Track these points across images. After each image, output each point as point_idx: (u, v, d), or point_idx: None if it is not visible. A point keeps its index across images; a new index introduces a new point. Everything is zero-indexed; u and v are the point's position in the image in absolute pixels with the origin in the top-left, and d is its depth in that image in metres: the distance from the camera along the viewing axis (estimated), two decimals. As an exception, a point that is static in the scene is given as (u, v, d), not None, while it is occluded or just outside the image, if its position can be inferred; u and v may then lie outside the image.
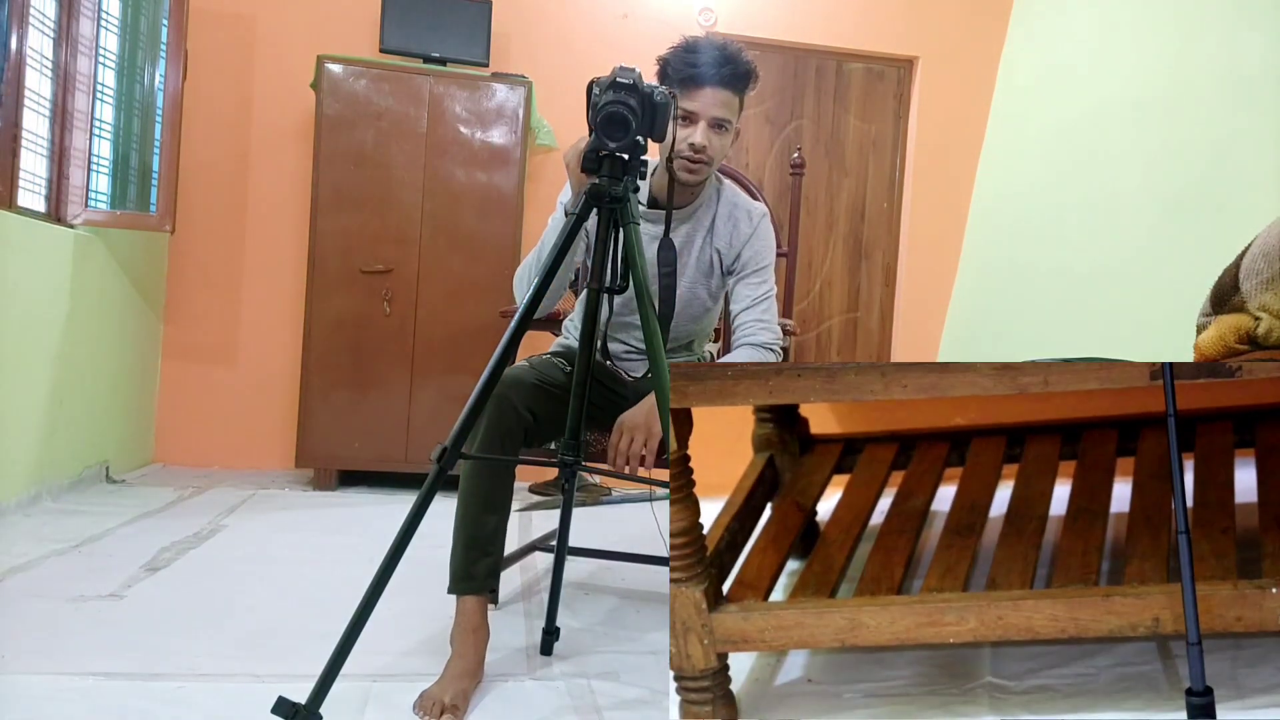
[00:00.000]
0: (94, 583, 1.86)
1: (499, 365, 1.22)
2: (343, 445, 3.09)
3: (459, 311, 3.16)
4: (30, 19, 2.52)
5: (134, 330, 3.14)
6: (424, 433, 3.12)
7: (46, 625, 1.61)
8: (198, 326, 3.39)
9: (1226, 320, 1.25)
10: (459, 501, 1.50)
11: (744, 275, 1.68)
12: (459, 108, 3.15)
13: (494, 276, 3.17)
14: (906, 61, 3.95)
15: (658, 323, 1.27)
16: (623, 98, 1.19)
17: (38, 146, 2.66)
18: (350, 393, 3.09)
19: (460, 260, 3.16)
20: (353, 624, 1.14)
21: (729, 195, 1.73)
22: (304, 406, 3.07)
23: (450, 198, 3.15)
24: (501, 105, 3.18)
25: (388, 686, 1.43)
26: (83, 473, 2.81)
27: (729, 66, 1.55)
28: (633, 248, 1.25)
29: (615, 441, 1.50)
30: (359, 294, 3.10)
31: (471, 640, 1.45)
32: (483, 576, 1.48)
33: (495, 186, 3.18)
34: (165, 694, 1.35)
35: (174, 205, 2.85)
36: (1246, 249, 1.28)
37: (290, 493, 3.03)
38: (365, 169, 3.09)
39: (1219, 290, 1.30)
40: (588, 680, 1.53)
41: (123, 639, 1.56)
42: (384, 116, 3.10)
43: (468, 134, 3.16)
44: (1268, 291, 1.21)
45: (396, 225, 3.12)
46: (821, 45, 3.82)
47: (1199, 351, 1.28)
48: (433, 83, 3.13)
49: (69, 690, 1.34)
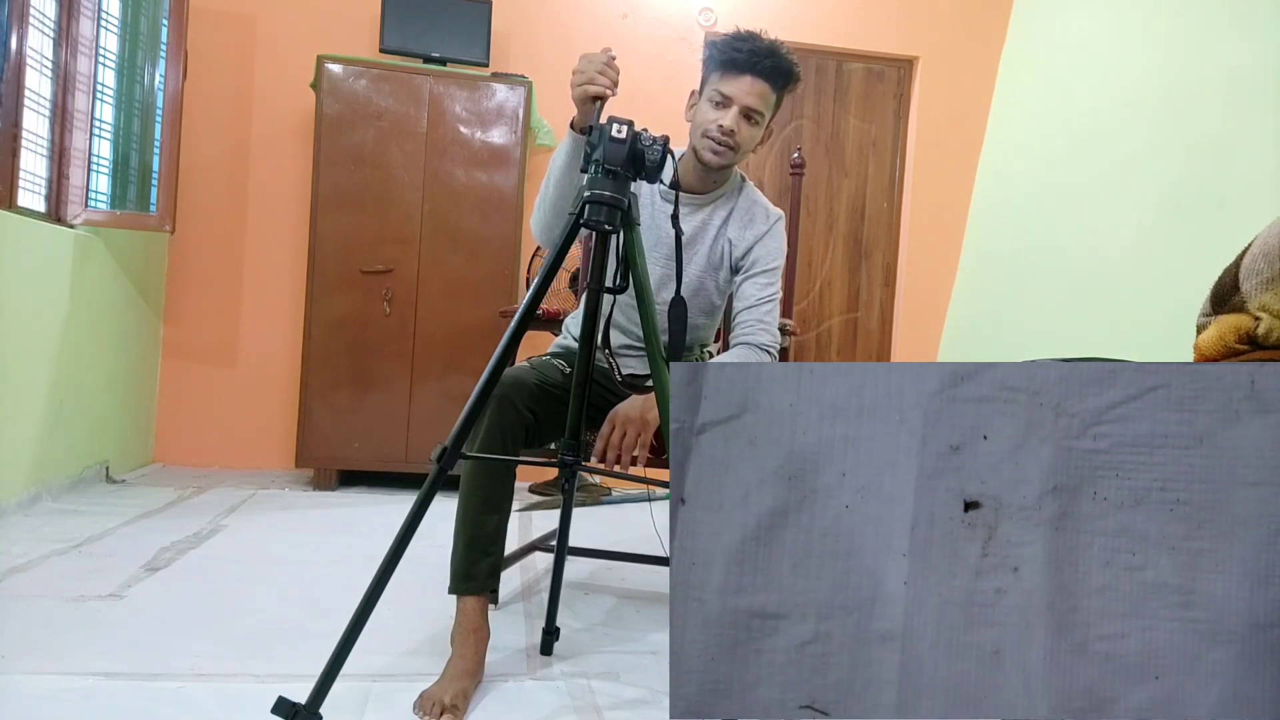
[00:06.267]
0: (94, 583, 1.87)
1: (499, 365, 1.22)
2: (343, 445, 3.09)
3: (459, 311, 3.16)
4: (30, 19, 2.52)
5: (134, 330, 3.14)
6: (424, 433, 3.13)
7: (46, 625, 1.61)
8: (198, 326, 3.39)
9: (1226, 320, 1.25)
10: (459, 501, 1.50)
11: (752, 274, 1.68)
12: (459, 108, 3.15)
13: (494, 276, 3.18)
14: (906, 61, 3.96)
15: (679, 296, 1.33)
16: (608, 194, 1.19)
17: (38, 146, 2.66)
18: (350, 393, 3.09)
19: (460, 260, 3.16)
20: (353, 624, 1.14)
21: (750, 192, 1.75)
22: (304, 406, 3.07)
23: (450, 198, 3.15)
24: (501, 105, 3.18)
25: (388, 686, 1.43)
26: (83, 473, 2.81)
27: (771, 60, 1.57)
28: (634, 248, 1.25)
29: (606, 433, 1.49)
30: (359, 294, 3.10)
31: (472, 640, 1.45)
32: (483, 577, 1.48)
33: (495, 186, 3.18)
34: (165, 694, 1.35)
35: (174, 205, 2.86)
36: (1246, 249, 1.27)
37: (290, 493, 3.03)
38: (365, 169, 3.10)
39: (1219, 290, 1.30)
40: (588, 680, 1.53)
41: (123, 639, 1.56)
42: (384, 116, 3.10)
43: (468, 134, 3.16)
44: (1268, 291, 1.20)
45: (396, 225, 3.12)
46: (821, 45, 3.83)
47: (1199, 351, 1.28)
48: (433, 83, 3.14)
49: (69, 690, 1.34)
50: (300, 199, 3.38)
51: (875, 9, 3.85)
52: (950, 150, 3.92)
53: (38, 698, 1.31)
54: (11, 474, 2.41)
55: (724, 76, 1.58)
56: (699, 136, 1.62)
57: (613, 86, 1.36)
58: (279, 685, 1.35)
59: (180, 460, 3.39)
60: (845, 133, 3.94)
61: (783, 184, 3.84)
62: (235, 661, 1.50)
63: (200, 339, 3.40)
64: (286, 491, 3.04)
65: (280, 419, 3.42)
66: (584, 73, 1.36)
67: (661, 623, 1.86)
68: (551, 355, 1.74)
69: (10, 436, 2.39)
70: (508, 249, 3.19)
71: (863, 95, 3.95)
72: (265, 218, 3.42)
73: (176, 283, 3.38)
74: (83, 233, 2.76)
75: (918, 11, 3.88)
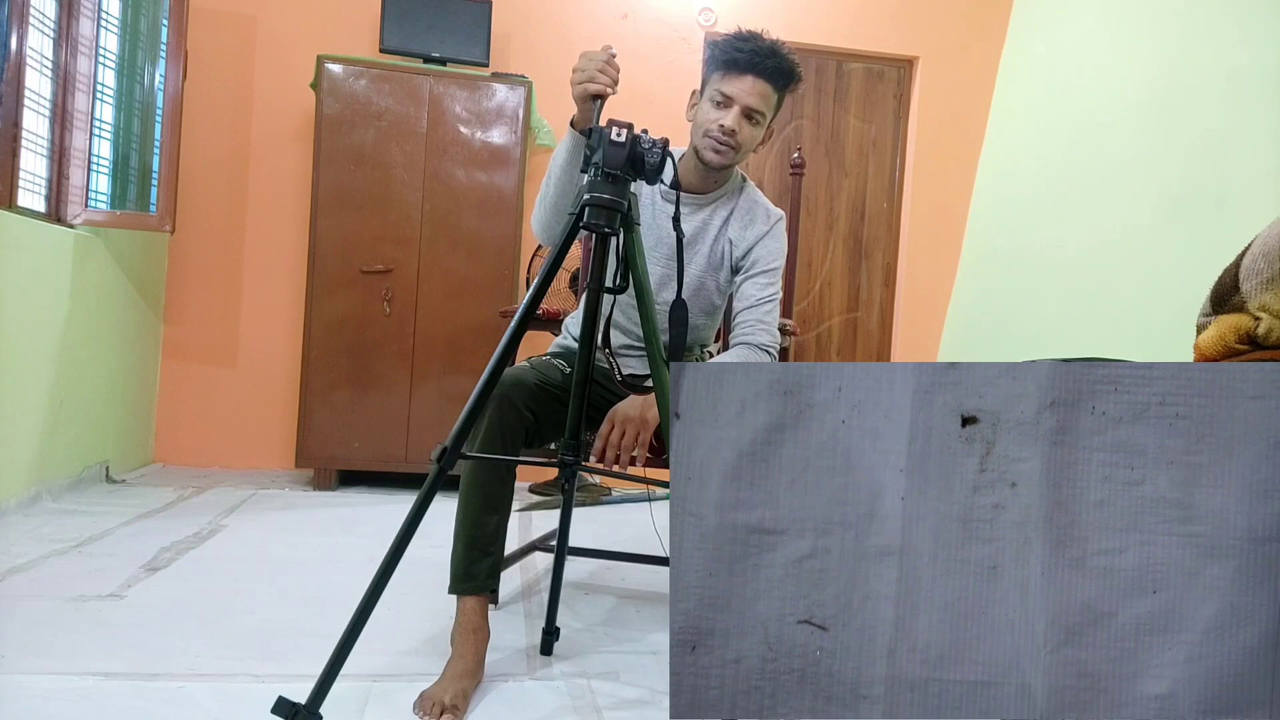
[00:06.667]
0: (94, 583, 1.87)
1: (499, 365, 1.22)
2: (343, 445, 3.10)
3: (459, 311, 3.16)
4: (30, 19, 2.52)
5: (134, 330, 3.14)
6: (424, 433, 3.13)
7: (46, 625, 1.61)
8: (198, 326, 3.39)
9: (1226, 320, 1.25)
10: (459, 501, 1.50)
11: (752, 273, 1.68)
12: (459, 108, 3.15)
13: (494, 276, 3.18)
14: (906, 61, 3.96)
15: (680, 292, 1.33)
16: (607, 197, 1.19)
17: (38, 146, 2.66)
18: (350, 393, 3.09)
19: (460, 260, 3.16)
20: (353, 624, 1.14)
21: (751, 192, 1.75)
22: (304, 406, 3.07)
23: (450, 198, 3.15)
24: (501, 105, 3.18)
25: (388, 686, 1.43)
26: (83, 473, 2.81)
27: (773, 60, 1.57)
28: (634, 249, 1.25)
29: (605, 432, 1.49)
30: (359, 294, 3.10)
31: (472, 640, 1.45)
32: (483, 577, 1.48)
33: (495, 186, 3.18)
34: (165, 694, 1.35)
35: (174, 205, 2.86)
36: (1247, 249, 1.27)
37: (290, 493, 3.03)
38: (365, 169, 3.10)
39: (1219, 290, 1.30)
40: (588, 680, 1.53)
41: (123, 639, 1.56)
42: (384, 116, 3.10)
43: (468, 134, 3.16)
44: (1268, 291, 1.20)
45: (396, 225, 3.12)
46: (821, 45, 3.83)
47: (1199, 351, 1.28)
48: (433, 83, 3.14)
49: (69, 690, 1.34)
50: (300, 199, 3.38)
51: (875, 9, 3.85)
52: (950, 150, 3.92)
53: (38, 698, 1.31)
54: (11, 474, 2.41)
55: (725, 76, 1.59)
56: (700, 136, 1.62)
57: (613, 85, 1.36)
58: (279, 685, 1.35)
59: (180, 460, 3.39)
60: (845, 133, 3.94)
61: (783, 184, 3.84)
62: (235, 661, 1.50)
63: (200, 339, 3.40)
64: (286, 491, 3.04)
65: (280, 419, 3.42)
66: (584, 71, 1.36)
67: (661, 623, 1.86)
68: (551, 355, 1.74)
69: (10, 436, 2.39)
70: (508, 249, 3.19)
71: (863, 95, 3.95)
72: (265, 218, 3.42)
73: (176, 283, 3.38)
74: (83, 233, 2.76)
75: (918, 11, 3.88)
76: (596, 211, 1.20)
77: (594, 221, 1.20)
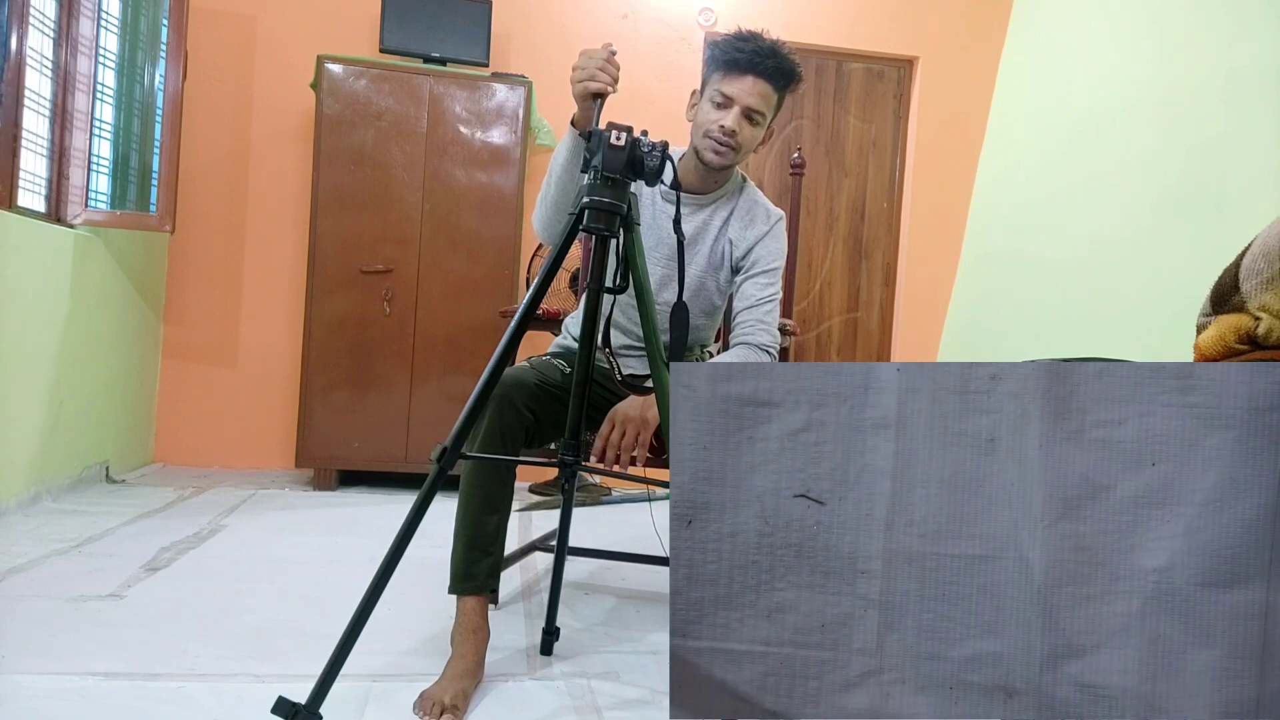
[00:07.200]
0: (94, 583, 1.87)
1: (499, 365, 1.22)
2: (343, 445, 3.10)
3: (459, 311, 3.16)
4: (30, 19, 2.52)
5: (134, 330, 3.14)
6: (424, 433, 3.13)
7: (46, 625, 1.61)
8: (198, 326, 3.39)
9: (1226, 320, 1.25)
10: (459, 501, 1.50)
11: (752, 273, 1.68)
12: (459, 108, 3.15)
13: (494, 276, 3.18)
14: (906, 61, 3.96)
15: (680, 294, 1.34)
16: (606, 200, 1.19)
17: (38, 146, 2.66)
18: (350, 393, 3.09)
19: (460, 260, 3.16)
20: (353, 624, 1.14)
21: (751, 192, 1.75)
22: (304, 406, 3.07)
23: (450, 198, 3.15)
24: (501, 105, 3.18)
25: (388, 686, 1.43)
26: (83, 473, 2.81)
27: (773, 60, 1.57)
28: (634, 249, 1.25)
29: (605, 432, 1.49)
30: (359, 294, 3.10)
31: (471, 640, 1.45)
32: (483, 577, 1.48)
33: (495, 186, 3.18)
34: (165, 694, 1.35)
35: (174, 205, 2.86)
36: (1246, 249, 1.27)
37: (290, 493, 3.03)
38: (365, 169, 3.10)
39: (1219, 290, 1.30)
40: (588, 680, 1.53)
41: (123, 639, 1.56)
42: (384, 116, 3.10)
43: (468, 134, 3.16)
44: (1268, 291, 1.20)
45: (396, 225, 3.12)
46: (821, 45, 3.83)
47: (1199, 351, 1.28)
48: (433, 83, 3.13)
49: (69, 690, 1.34)
50: (300, 199, 3.38)
51: (875, 9, 3.85)
52: (950, 150, 3.92)
53: (38, 698, 1.31)
54: (11, 474, 2.41)
55: (726, 77, 1.59)
56: (700, 136, 1.62)
57: (613, 83, 1.36)
58: (279, 685, 1.35)
59: (180, 460, 3.39)
60: (845, 133, 3.94)
61: (783, 184, 3.84)
62: (235, 661, 1.50)
63: (200, 339, 3.40)
64: (286, 491, 3.04)
65: (280, 419, 3.42)
66: (584, 69, 1.36)
67: (661, 622, 1.86)
68: (551, 355, 1.74)
69: (10, 436, 2.39)
70: (508, 249, 3.19)
71: (863, 95, 3.95)
72: (265, 218, 3.42)
73: (176, 283, 3.38)
74: (83, 233, 2.76)
75: (918, 11, 3.88)
76: (596, 215, 1.20)
77: (593, 224, 1.20)
